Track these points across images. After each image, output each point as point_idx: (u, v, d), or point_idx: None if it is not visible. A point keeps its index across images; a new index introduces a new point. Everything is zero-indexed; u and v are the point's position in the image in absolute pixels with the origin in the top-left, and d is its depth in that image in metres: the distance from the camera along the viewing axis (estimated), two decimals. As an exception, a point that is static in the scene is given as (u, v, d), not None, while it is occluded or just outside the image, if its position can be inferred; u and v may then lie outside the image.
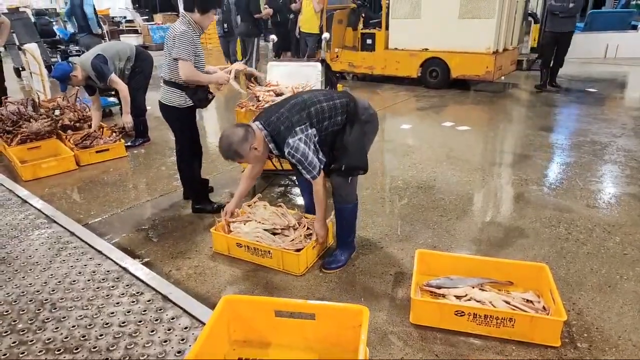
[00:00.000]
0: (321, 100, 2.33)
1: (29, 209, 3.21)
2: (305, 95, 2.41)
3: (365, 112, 2.50)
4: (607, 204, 3.29)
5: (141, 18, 17.39)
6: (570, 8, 6.39)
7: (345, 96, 2.45)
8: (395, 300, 2.29)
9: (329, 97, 2.38)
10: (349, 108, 2.37)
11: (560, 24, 6.52)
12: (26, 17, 9.72)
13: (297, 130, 2.21)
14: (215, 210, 3.27)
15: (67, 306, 2.12)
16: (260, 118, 2.36)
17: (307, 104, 2.29)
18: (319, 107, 2.30)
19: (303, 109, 2.28)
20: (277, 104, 2.49)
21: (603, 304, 2.21)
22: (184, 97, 2.94)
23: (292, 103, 2.33)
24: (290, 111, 2.27)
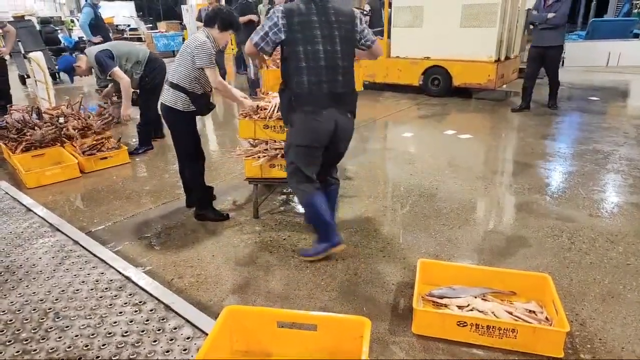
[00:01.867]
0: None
1: (33, 217, 3.22)
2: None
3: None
4: (610, 213, 3.29)
5: (145, 26, 17.56)
6: (549, 19, 5.74)
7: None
8: (398, 310, 2.29)
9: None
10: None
11: (541, 37, 5.94)
12: (31, 25, 9.83)
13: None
14: (218, 218, 3.28)
15: (70, 315, 2.13)
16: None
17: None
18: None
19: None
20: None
21: (606, 315, 2.20)
22: (188, 101, 2.97)
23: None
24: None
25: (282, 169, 3.18)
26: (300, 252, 2.81)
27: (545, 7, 5.79)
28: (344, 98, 2.50)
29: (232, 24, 2.98)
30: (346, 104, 2.52)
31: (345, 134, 2.60)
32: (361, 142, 5.26)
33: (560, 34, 5.91)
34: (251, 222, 3.28)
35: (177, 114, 3.02)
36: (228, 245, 2.97)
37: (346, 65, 2.46)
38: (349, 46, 2.47)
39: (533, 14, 6.00)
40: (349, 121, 2.57)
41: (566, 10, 5.70)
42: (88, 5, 7.02)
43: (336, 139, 2.55)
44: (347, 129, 2.57)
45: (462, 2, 6.72)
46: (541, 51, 5.96)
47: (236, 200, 3.67)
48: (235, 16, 3.04)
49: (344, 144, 2.66)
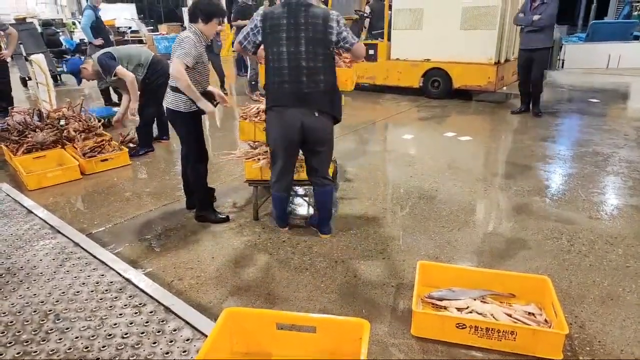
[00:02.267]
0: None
1: (34, 219, 3.23)
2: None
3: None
4: (610, 215, 3.29)
5: (146, 28, 17.61)
6: (534, 21, 5.57)
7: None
8: (397, 312, 2.29)
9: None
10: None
11: (527, 40, 5.80)
12: (33, 27, 9.86)
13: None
14: (218, 220, 3.30)
15: (70, 317, 2.14)
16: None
17: None
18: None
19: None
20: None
21: (605, 317, 2.21)
22: (189, 102, 2.99)
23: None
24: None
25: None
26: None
27: (531, 10, 5.65)
28: (310, 98, 2.58)
29: (214, 12, 2.95)
30: (312, 104, 2.59)
31: (315, 134, 2.66)
32: (361, 144, 5.27)
33: (547, 36, 5.73)
34: (251, 224, 3.29)
35: (180, 116, 3.05)
36: (228, 247, 2.98)
37: (312, 66, 2.54)
38: (316, 47, 2.52)
39: (519, 17, 5.85)
40: (316, 120, 2.62)
41: (552, 11, 5.55)
42: (89, 8, 7.05)
43: (307, 138, 2.66)
44: (315, 128, 2.63)
45: (462, 5, 6.74)
46: (529, 54, 5.83)
47: (236, 202, 3.68)
48: (215, 4, 3.00)
49: (319, 144, 2.73)
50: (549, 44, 5.87)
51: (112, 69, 4.35)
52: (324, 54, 2.56)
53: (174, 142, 5.42)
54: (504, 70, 7.04)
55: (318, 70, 2.56)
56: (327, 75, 2.61)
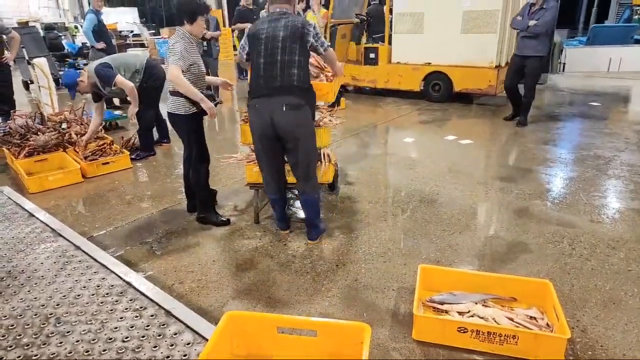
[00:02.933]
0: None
1: (35, 222, 3.23)
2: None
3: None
4: (611, 219, 3.28)
5: (148, 32, 17.66)
6: (529, 27, 5.28)
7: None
8: (398, 316, 2.28)
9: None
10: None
11: (521, 46, 5.53)
12: (35, 31, 9.90)
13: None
14: (219, 222, 3.30)
15: (71, 321, 2.13)
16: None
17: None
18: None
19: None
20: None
21: (607, 321, 2.20)
22: (188, 104, 3.04)
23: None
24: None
25: (283, 174, 3.19)
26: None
27: (529, 14, 5.38)
28: (281, 90, 2.63)
29: (195, 10, 2.97)
30: (282, 96, 2.62)
31: (285, 128, 2.67)
32: (362, 147, 5.28)
33: (541, 44, 5.39)
34: (252, 227, 3.29)
35: (181, 119, 3.09)
36: (229, 250, 2.98)
37: (287, 60, 2.61)
38: (293, 42, 2.62)
39: (515, 20, 5.57)
40: (285, 115, 2.63)
41: (550, 18, 5.23)
42: (91, 12, 7.08)
43: (278, 134, 2.70)
44: (285, 122, 2.65)
45: (462, 9, 6.75)
46: (521, 61, 5.56)
47: (237, 205, 3.68)
48: (196, 2, 3.01)
49: (290, 141, 2.72)
50: (543, 53, 5.48)
51: (112, 79, 4.32)
52: (300, 50, 2.64)
53: (174, 145, 5.43)
54: (504, 73, 7.03)
55: (292, 63, 2.62)
56: (301, 70, 2.66)
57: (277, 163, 2.91)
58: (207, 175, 3.33)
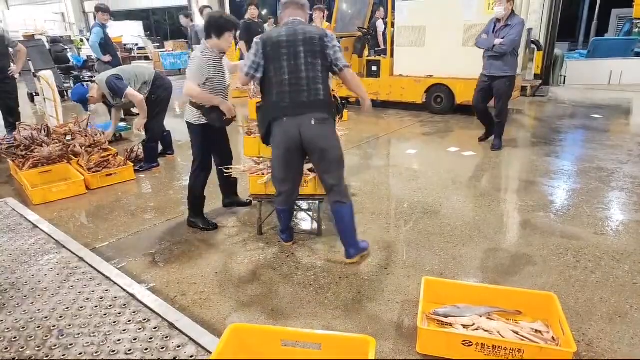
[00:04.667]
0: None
1: (39, 233, 3.24)
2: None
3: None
4: (615, 231, 3.27)
5: (152, 45, 17.87)
6: (495, 45, 4.91)
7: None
8: (402, 329, 2.27)
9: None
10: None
11: (488, 65, 5.14)
12: (42, 44, 10.02)
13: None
14: (207, 228, 3.43)
15: (74, 333, 2.13)
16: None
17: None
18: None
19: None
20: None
21: (613, 335, 2.18)
22: (198, 115, 3.19)
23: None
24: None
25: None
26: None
27: (495, 32, 5.02)
28: (309, 106, 2.62)
29: (224, 26, 3.05)
30: (310, 112, 2.62)
31: (315, 142, 2.65)
32: (365, 159, 5.29)
33: (507, 64, 5.00)
34: (255, 238, 3.29)
35: (191, 127, 3.28)
36: (232, 262, 2.98)
37: (312, 76, 2.61)
38: (315, 59, 2.60)
39: (481, 39, 5.14)
40: (314, 128, 2.63)
41: (515, 36, 4.84)
42: (97, 25, 7.17)
43: (307, 148, 2.68)
44: (314, 135, 2.64)
45: (463, 22, 6.82)
46: (489, 81, 5.17)
47: (240, 217, 3.68)
48: (225, 18, 3.10)
49: (320, 153, 2.68)
50: (511, 72, 5.08)
51: (123, 90, 4.44)
52: (322, 65, 2.63)
53: (178, 156, 5.46)
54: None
55: (317, 79, 2.63)
56: (325, 85, 2.66)
57: (295, 176, 2.86)
58: (204, 184, 3.45)
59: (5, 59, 5.87)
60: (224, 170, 3.50)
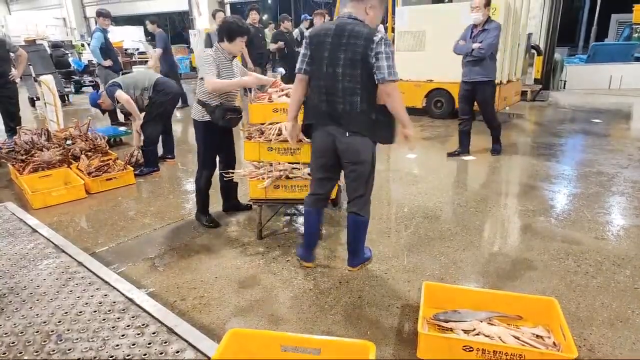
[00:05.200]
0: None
1: (38, 238, 3.24)
2: None
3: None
4: (616, 236, 3.26)
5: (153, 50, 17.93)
6: (474, 50, 4.80)
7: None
8: (402, 334, 2.26)
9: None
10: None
11: (467, 71, 5.00)
12: (42, 49, 10.06)
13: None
14: (209, 225, 3.55)
15: (72, 338, 2.12)
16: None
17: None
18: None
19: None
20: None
21: (615, 340, 2.17)
22: (203, 112, 3.29)
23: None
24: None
25: (286, 190, 3.20)
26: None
27: (471, 37, 4.94)
28: (344, 118, 2.50)
29: (235, 31, 3.17)
30: (345, 124, 2.50)
31: (346, 154, 2.55)
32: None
33: (486, 68, 4.91)
34: (255, 243, 3.28)
35: (195, 124, 3.38)
36: (232, 266, 2.97)
37: (349, 87, 2.44)
38: (354, 69, 2.41)
39: (458, 45, 5.02)
40: (348, 140, 2.52)
41: (493, 40, 4.78)
42: (98, 30, 7.20)
43: (341, 158, 2.60)
44: (346, 148, 2.53)
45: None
46: (470, 87, 5.04)
47: (240, 221, 3.68)
48: (238, 24, 3.20)
49: (351, 164, 2.58)
50: (491, 77, 4.99)
51: (113, 94, 4.64)
52: (363, 75, 2.42)
53: (179, 161, 5.46)
54: (506, 90, 7.10)
55: (355, 91, 2.45)
56: (365, 96, 2.47)
57: (328, 181, 2.77)
58: (208, 183, 3.55)
59: (6, 63, 5.89)
60: (224, 174, 3.51)
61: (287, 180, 3.19)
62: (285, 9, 18.66)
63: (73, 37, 20.10)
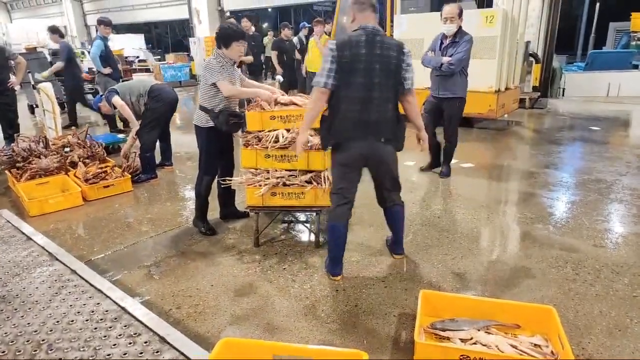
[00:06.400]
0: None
1: (32, 245, 3.21)
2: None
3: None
4: (615, 243, 3.24)
5: (153, 58, 18.01)
6: (443, 64, 4.43)
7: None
8: (399, 343, 2.23)
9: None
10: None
11: (435, 86, 4.64)
12: (42, 56, 10.09)
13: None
14: (205, 232, 3.53)
15: (63, 347, 2.09)
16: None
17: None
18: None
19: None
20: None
21: (613, 349, 2.14)
22: (206, 118, 3.29)
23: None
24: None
25: (283, 197, 3.18)
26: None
27: (441, 49, 4.59)
28: (378, 126, 2.61)
29: (231, 36, 3.18)
30: (380, 132, 2.62)
31: (381, 159, 2.72)
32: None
33: (456, 84, 4.52)
34: (251, 250, 3.26)
35: (198, 130, 3.39)
36: (228, 274, 2.94)
37: (384, 97, 2.56)
38: (389, 78, 2.55)
39: (427, 57, 4.66)
40: (383, 147, 2.67)
41: (464, 55, 4.40)
42: (99, 38, 7.23)
43: (373, 164, 2.74)
44: (382, 154, 2.69)
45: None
46: (438, 102, 4.67)
47: (237, 228, 3.65)
48: (232, 28, 3.24)
49: (383, 167, 2.77)
50: (461, 94, 4.62)
51: (110, 100, 4.70)
52: (393, 84, 2.57)
53: (176, 168, 5.45)
54: (504, 98, 7.10)
55: (388, 100, 2.58)
56: (394, 104, 2.63)
57: (354, 189, 2.81)
58: (208, 189, 3.54)
59: (6, 71, 5.90)
60: (221, 181, 3.50)
61: (284, 188, 3.18)
62: (285, 17, 18.78)
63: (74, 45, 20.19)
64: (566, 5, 11.61)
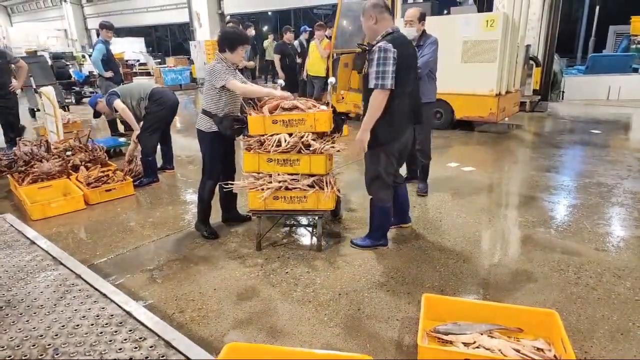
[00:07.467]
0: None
1: (36, 250, 3.22)
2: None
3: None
4: (616, 247, 3.25)
5: (154, 61, 18.06)
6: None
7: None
8: (402, 347, 2.24)
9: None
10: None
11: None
12: (43, 60, 10.12)
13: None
14: (208, 236, 3.54)
15: (69, 352, 2.09)
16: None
17: None
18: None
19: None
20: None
21: (616, 353, 2.15)
22: (210, 123, 3.31)
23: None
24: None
25: (285, 201, 3.20)
26: (351, 241, 3.38)
27: None
28: (415, 114, 3.09)
29: (236, 40, 3.22)
30: (416, 118, 3.12)
31: (411, 141, 3.23)
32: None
33: (426, 88, 4.18)
34: (254, 254, 3.27)
35: (201, 134, 3.39)
36: (230, 278, 2.95)
37: (415, 88, 3.06)
38: (417, 72, 3.13)
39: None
40: (412, 130, 3.18)
41: (430, 56, 4.30)
42: (100, 42, 7.26)
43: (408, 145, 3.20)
44: (411, 136, 3.20)
45: (462, 39, 6.89)
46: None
47: (239, 232, 3.67)
48: (238, 33, 3.28)
49: (408, 150, 3.29)
50: (430, 99, 4.37)
51: (112, 104, 4.69)
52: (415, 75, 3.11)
53: (178, 171, 5.46)
54: (505, 101, 7.13)
55: (419, 89, 3.17)
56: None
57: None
58: (212, 193, 3.55)
59: (6, 74, 5.92)
60: (223, 185, 3.51)
61: (286, 192, 3.19)
62: (285, 21, 18.83)
63: (74, 48, 20.25)
64: (566, 9, 11.64)
